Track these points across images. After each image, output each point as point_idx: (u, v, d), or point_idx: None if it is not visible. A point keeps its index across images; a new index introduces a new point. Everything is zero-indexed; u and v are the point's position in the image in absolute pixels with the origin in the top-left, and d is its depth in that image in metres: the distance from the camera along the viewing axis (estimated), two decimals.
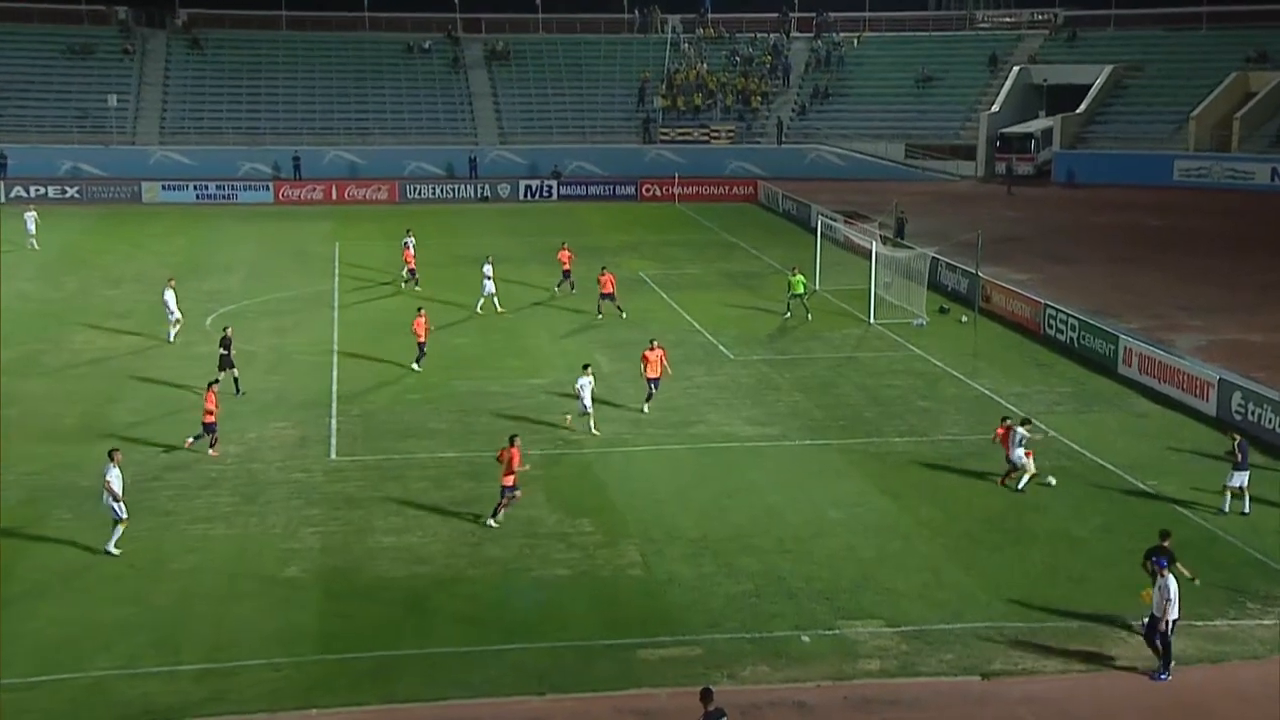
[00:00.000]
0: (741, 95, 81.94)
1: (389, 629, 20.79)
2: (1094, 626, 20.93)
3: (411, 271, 46.28)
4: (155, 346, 38.53)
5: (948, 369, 36.12)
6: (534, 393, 33.83)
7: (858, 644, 20.36)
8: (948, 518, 25.48)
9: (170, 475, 27.61)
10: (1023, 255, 52.67)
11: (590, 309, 42.36)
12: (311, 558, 23.46)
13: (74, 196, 67.82)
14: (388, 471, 27.91)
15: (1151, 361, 34.35)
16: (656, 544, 24.04)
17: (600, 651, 20.09)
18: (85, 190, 68.77)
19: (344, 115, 78.53)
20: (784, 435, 30.39)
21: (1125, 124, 76.68)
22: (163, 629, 20.72)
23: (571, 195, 71.87)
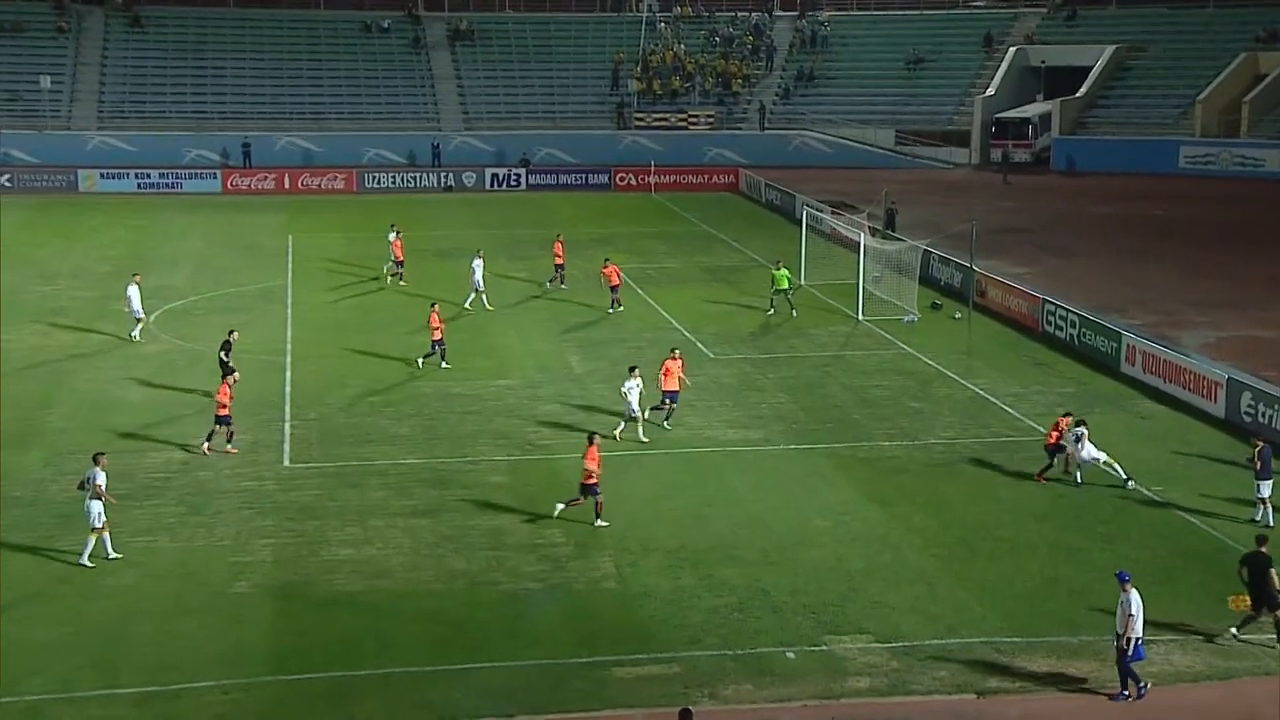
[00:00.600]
0: (722, 78, 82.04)
1: (346, 647, 20.70)
2: (1096, 641, 21.01)
3: (399, 263, 46.17)
4: (96, 346, 38.28)
5: (940, 368, 36.24)
6: (502, 394, 33.78)
7: (846, 661, 20.39)
8: (941, 526, 25.57)
9: (110, 484, 27.30)
10: (1020, 248, 52.90)
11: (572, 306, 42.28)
12: (263, 571, 23.35)
13: (4, 185, 67.28)
14: (345, 479, 27.81)
15: (1156, 360, 34.55)
16: (632, 555, 24.04)
17: (573, 670, 20.06)
18: (17, 179, 68.24)
19: (297, 99, 78.25)
20: (767, 439, 30.42)
21: (1128, 108, 77.15)
22: (101, 649, 20.57)
23: (541, 185, 71.81)
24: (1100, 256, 52.03)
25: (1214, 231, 57.60)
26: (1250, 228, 58.34)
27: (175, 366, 36.32)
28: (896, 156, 77.21)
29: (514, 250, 45.48)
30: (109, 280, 47.50)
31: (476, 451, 29.56)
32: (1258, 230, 57.69)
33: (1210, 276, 48.05)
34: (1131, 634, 19.20)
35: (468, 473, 28.25)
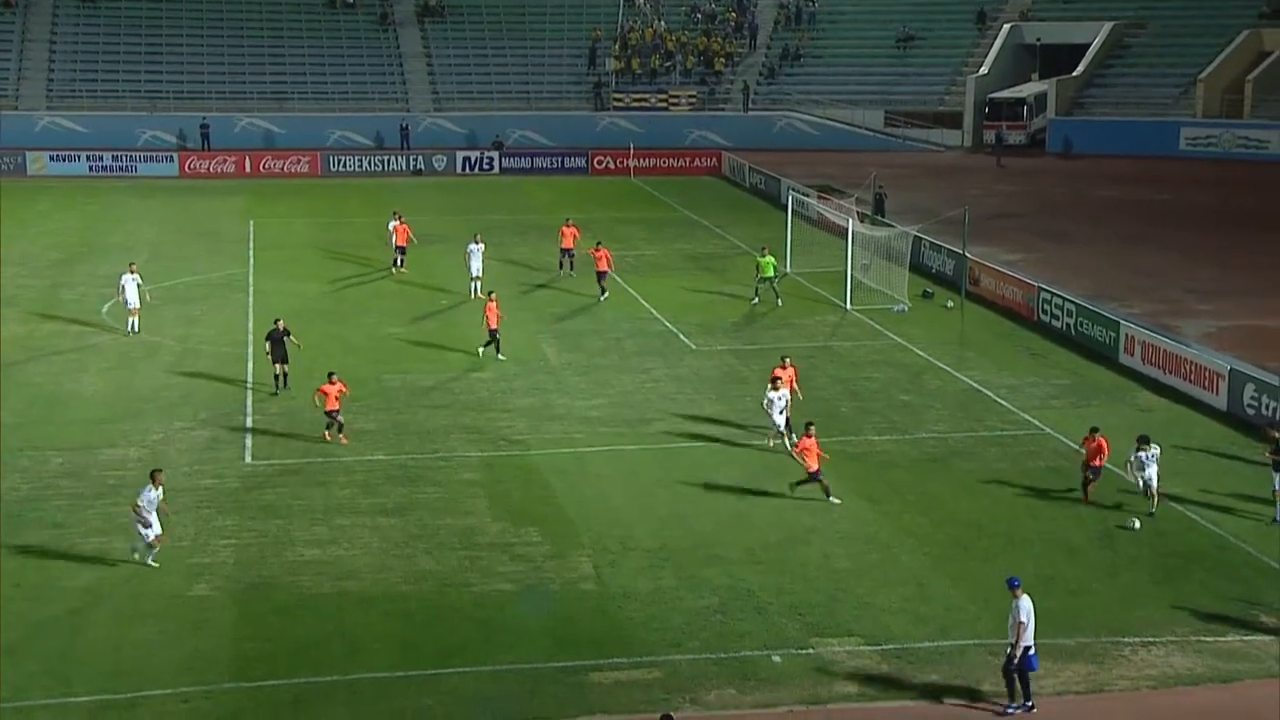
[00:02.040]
0: (703, 57, 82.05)
1: (312, 653, 20.69)
2: (1093, 643, 21.15)
3: (401, 249, 46.05)
4: (47, 337, 38.09)
5: (932, 359, 36.36)
6: (475, 387, 33.78)
7: (834, 664, 20.47)
8: (932, 524, 25.68)
9: (63, 483, 27.34)
10: (1014, 233, 53.09)
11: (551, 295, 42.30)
12: (224, 573, 23.32)
13: None
14: (310, 476, 27.77)
15: (1156, 350, 34.73)
16: (611, 555, 24.08)
17: (549, 675, 20.09)
18: None
19: (258, 78, 77.94)
20: (751, 433, 30.49)
21: (1127, 88, 77.45)
22: (53, 656, 20.51)
23: (515, 168, 71.75)
24: (1098, 242, 52.26)
25: (1216, 216, 57.91)
26: (1253, 212, 58.68)
27: (131, 359, 36.19)
28: (886, 138, 77.36)
29: (489, 237, 45.47)
30: (59, 268, 47.35)
31: (448, 447, 29.56)
32: (1261, 215, 58.02)
33: (1212, 263, 48.31)
34: (1022, 643, 18.97)
35: (439, 469, 28.24)
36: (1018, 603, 19.13)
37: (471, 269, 42.62)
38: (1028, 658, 19.09)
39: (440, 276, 45.55)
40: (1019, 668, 19.10)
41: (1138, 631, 21.50)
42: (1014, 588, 19.33)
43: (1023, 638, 19.02)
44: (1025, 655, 19.07)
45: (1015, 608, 19.12)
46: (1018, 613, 19.05)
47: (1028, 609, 19.07)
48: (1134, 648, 21.06)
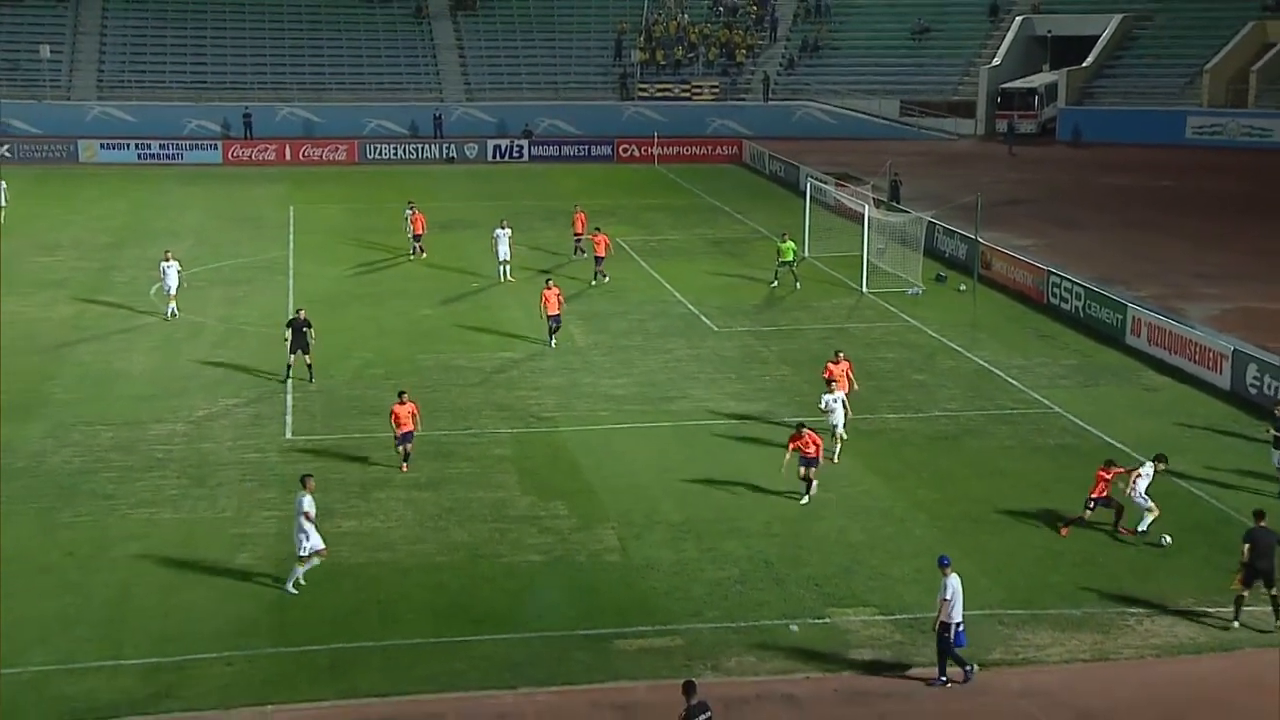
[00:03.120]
0: (725, 48, 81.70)
1: (349, 620, 20.79)
2: (1099, 613, 21.10)
3: (418, 237, 45.89)
4: (97, 318, 38.30)
5: (945, 340, 36.23)
6: (505, 367, 33.81)
7: (849, 633, 20.47)
8: (944, 499, 25.61)
9: (113, 456, 27.50)
10: (1025, 219, 52.80)
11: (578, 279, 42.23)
12: (265, 544, 23.42)
13: (4, 156, 67.09)
14: (348, 452, 27.86)
15: (1162, 332, 34.53)
16: (635, 528, 24.10)
17: (575, 642, 20.14)
18: (16, 149, 68.07)
19: (298, 69, 78.00)
20: (770, 411, 30.44)
21: (1135, 78, 76.80)
22: (104, 621, 20.66)
23: (543, 156, 71.63)
24: (1106, 228, 51.93)
25: (1220, 203, 57.45)
26: (1257, 199, 58.19)
27: (175, 339, 36.34)
28: (901, 127, 76.93)
29: (517, 222, 45.55)
30: (109, 251, 47.57)
31: (479, 424, 29.61)
32: (1265, 202, 57.52)
33: (1216, 248, 47.96)
34: (950, 620, 18.75)
35: (470, 445, 28.30)
36: (945, 580, 18.87)
37: (499, 253, 42.61)
38: (956, 634, 18.83)
39: (470, 260, 45.57)
40: (944, 643, 18.85)
41: (1143, 602, 21.43)
42: (943, 566, 19.07)
43: (943, 613, 18.75)
44: (956, 631, 18.81)
45: (943, 585, 18.87)
46: (944, 590, 18.80)
47: (954, 587, 18.79)
48: (1139, 618, 20.99)
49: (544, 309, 34.91)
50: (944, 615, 18.84)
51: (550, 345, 35.09)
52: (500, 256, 42.63)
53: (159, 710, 18.38)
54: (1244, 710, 18.86)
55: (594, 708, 18.63)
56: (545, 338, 35.28)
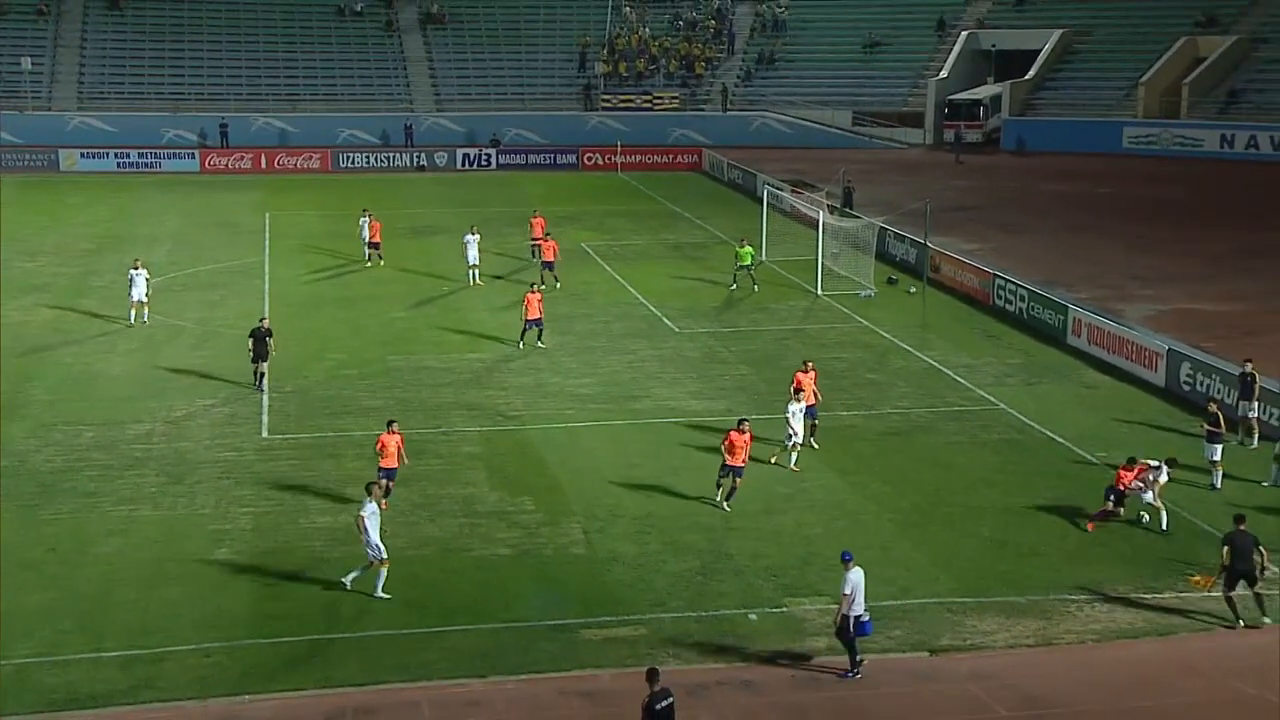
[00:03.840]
0: (685, 61, 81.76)
1: (324, 612, 20.67)
2: (1043, 600, 21.24)
3: (374, 245, 45.06)
4: (78, 321, 37.91)
5: (896, 341, 36.38)
6: (474, 367, 33.70)
7: (805, 621, 20.52)
8: (895, 492, 25.72)
9: (93, 455, 27.24)
10: (972, 224, 53.08)
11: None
12: (243, 539, 23.27)
13: None
14: (322, 450, 27.70)
15: (1101, 332, 34.79)
16: (600, 522, 24.08)
17: (542, 632, 20.10)
18: None
19: (273, 80, 77.48)
20: (730, 410, 30.44)
21: (1074, 90, 77.39)
22: (86, 614, 20.47)
23: (511, 164, 71.48)
24: (1048, 233, 52.28)
25: (1156, 209, 57.95)
26: (1190, 205, 58.75)
27: (155, 341, 36.02)
28: (854, 137, 77.20)
29: (485, 228, 45.41)
30: (90, 257, 47.12)
31: (450, 422, 29.50)
32: (1197, 208, 58.10)
33: (1152, 252, 48.38)
34: (850, 613, 18.66)
35: (441, 443, 28.19)
36: (846, 575, 18.77)
37: (468, 258, 42.48)
38: (860, 625, 18.76)
39: (441, 265, 45.42)
40: (849, 634, 18.77)
41: (1083, 590, 21.60)
42: (845, 561, 18.96)
43: (843, 607, 18.69)
44: (858, 623, 18.74)
45: (844, 579, 18.76)
46: (844, 584, 18.72)
47: (852, 581, 18.68)
48: (1080, 604, 21.15)
49: (524, 311, 34.73)
50: (844, 608, 18.71)
51: (519, 346, 34.97)
52: (469, 261, 42.50)
53: (139, 700, 18.22)
54: (1179, 691, 19.04)
55: (561, 695, 18.60)
56: (516, 339, 35.12)
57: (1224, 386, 29.58)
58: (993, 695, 18.72)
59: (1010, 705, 18.50)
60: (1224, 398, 28.83)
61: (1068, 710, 18.43)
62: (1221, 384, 29.78)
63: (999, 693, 18.78)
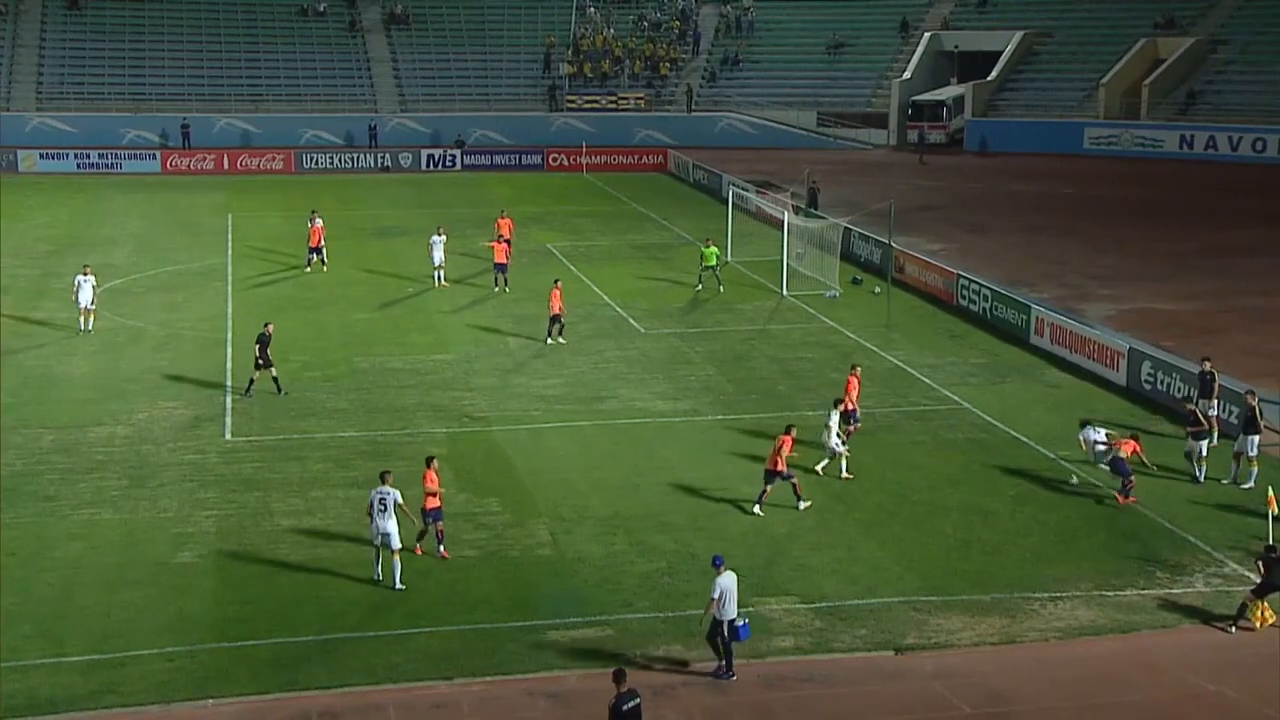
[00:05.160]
0: (650, 62, 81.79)
1: (289, 615, 20.55)
2: (1006, 599, 21.36)
3: (315, 249, 44.24)
4: (39, 324, 37.51)
5: (861, 341, 36.51)
6: (439, 368, 33.58)
7: (771, 621, 20.56)
8: (860, 491, 25.81)
9: (54, 458, 26.97)
10: (936, 225, 53.34)
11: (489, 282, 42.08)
12: (206, 542, 23.10)
13: None
14: (286, 452, 27.54)
15: (1063, 331, 35.04)
16: (566, 523, 24.05)
17: (509, 634, 20.06)
18: None
19: (235, 81, 76.96)
20: (696, 410, 30.51)
21: (1036, 91, 77.94)
22: (46, 619, 20.27)
23: (476, 165, 71.31)
24: (1011, 233, 52.61)
25: (1116, 209, 58.44)
26: (1150, 205, 59.27)
27: (116, 344, 35.71)
28: (818, 137, 77.47)
29: (450, 229, 45.26)
30: (50, 259, 46.66)
31: (415, 424, 29.39)
32: (1157, 208, 58.63)
33: (1113, 252, 48.77)
34: (722, 617, 18.59)
35: (406, 444, 28.07)
36: (716, 580, 18.68)
37: (434, 259, 42.34)
38: (736, 630, 18.69)
39: (405, 266, 45.25)
40: (725, 638, 18.68)
41: (1046, 588, 21.73)
42: (716, 566, 18.87)
43: (712, 610, 18.59)
44: (733, 627, 18.67)
45: (713, 583, 18.68)
46: (713, 588, 18.65)
47: (722, 586, 18.59)
48: (1043, 602, 21.28)
49: (550, 306, 35.26)
50: (714, 612, 18.59)
51: (546, 342, 35.30)
52: (435, 262, 42.36)
53: (100, 706, 18.05)
54: (1140, 688, 19.19)
55: (528, 696, 18.56)
56: (543, 335, 35.59)
57: (1184, 385, 29.84)
58: (957, 693, 18.82)
59: (975, 703, 18.60)
60: (1183, 396, 29.08)
61: (1032, 707, 18.55)
62: (1182, 382, 30.05)
63: (964, 691, 18.88)
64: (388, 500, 21.40)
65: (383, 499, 21.41)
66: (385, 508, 21.35)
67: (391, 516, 21.36)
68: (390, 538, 21.35)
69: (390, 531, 21.34)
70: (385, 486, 21.55)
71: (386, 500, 21.40)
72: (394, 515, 21.36)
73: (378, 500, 21.42)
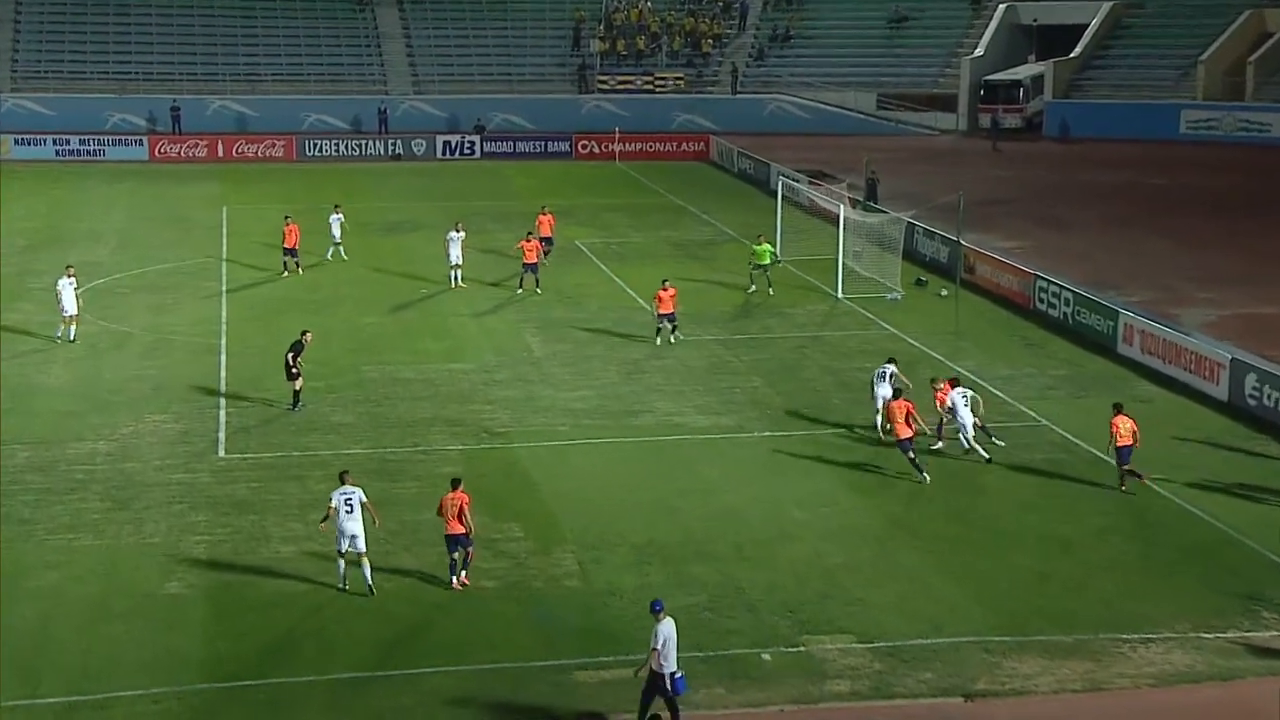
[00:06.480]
0: (690, 38, 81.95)
1: (287, 652, 20.68)
2: (1091, 640, 21.23)
3: (290, 250, 44.06)
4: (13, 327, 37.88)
5: (925, 349, 36.43)
6: (456, 379, 33.73)
7: (825, 663, 20.52)
8: (925, 518, 25.74)
9: (29, 477, 27.25)
10: (1010, 219, 53.17)
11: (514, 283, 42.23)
12: (197, 571, 23.27)
13: None
14: (285, 471, 27.73)
15: (1155, 340, 34.83)
16: (596, 551, 24.09)
17: (532, 673, 20.11)
18: None
19: (230, 59, 77.65)
20: (741, 426, 30.51)
21: (1126, 70, 77.60)
22: (20, 656, 20.45)
23: (497, 153, 71.64)
24: (1096, 228, 52.37)
25: (1217, 201, 58.07)
26: (1255, 197, 58.85)
27: (99, 350, 36.06)
28: (878, 122, 77.39)
29: (468, 224, 45.49)
30: (25, 255, 47.17)
31: (428, 440, 29.53)
32: (1263, 200, 58.18)
33: (1212, 249, 48.46)
34: (662, 670, 18.24)
35: (418, 463, 28.22)
36: (656, 627, 18.38)
37: (451, 257, 42.53)
38: (675, 682, 18.36)
39: (418, 264, 45.50)
40: (667, 692, 18.35)
41: (1136, 628, 21.58)
42: (655, 612, 18.53)
43: (652, 662, 18.33)
44: (673, 680, 18.34)
45: (654, 632, 18.37)
46: (654, 638, 18.34)
47: (663, 634, 18.30)
48: (1133, 644, 21.14)
49: (656, 308, 35.89)
50: (654, 664, 18.32)
51: (656, 342, 35.94)
52: (451, 261, 42.55)
53: None
54: None
55: None
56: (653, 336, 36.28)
57: None
58: None
59: None
60: None
61: None
62: None
63: None
64: (354, 500, 22.35)
65: (348, 499, 22.37)
66: (351, 508, 22.31)
67: (358, 518, 22.31)
68: (358, 540, 22.26)
69: (358, 533, 22.27)
70: (348, 486, 22.54)
71: (353, 500, 22.37)
72: (360, 516, 22.32)
73: (343, 501, 22.34)
